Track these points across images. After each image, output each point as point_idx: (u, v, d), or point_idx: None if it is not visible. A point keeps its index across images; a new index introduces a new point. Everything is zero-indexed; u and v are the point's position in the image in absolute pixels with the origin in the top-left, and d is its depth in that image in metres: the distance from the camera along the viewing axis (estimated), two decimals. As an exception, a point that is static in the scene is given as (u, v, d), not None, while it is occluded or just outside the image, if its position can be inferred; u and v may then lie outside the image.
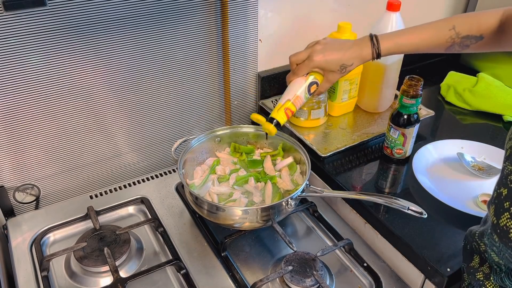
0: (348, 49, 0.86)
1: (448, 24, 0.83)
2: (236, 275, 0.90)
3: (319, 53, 0.86)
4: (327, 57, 0.86)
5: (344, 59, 0.86)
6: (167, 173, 1.19)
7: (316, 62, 0.86)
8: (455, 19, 0.84)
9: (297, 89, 0.91)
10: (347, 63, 0.86)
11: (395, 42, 0.85)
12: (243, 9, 1.13)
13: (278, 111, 0.92)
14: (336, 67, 0.87)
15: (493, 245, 0.63)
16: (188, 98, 1.19)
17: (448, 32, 0.82)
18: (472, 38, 0.82)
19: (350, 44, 0.87)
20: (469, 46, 0.83)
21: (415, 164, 1.04)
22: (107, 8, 0.95)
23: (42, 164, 1.07)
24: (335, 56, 0.86)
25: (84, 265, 0.90)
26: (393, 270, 0.93)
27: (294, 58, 0.90)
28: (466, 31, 0.82)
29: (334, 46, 0.87)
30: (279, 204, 0.91)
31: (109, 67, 1.03)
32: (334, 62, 0.86)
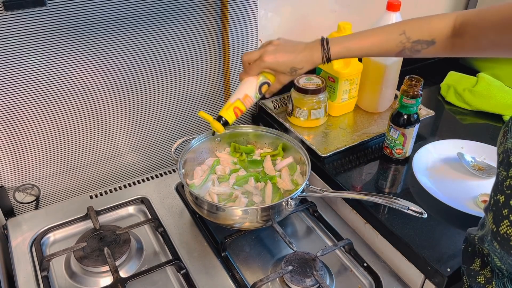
0: (299, 52, 0.85)
1: (398, 29, 0.81)
2: (236, 275, 0.90)
3: (270, 54, 0.85)
4: (278, 59, 0.85)
5: (295, 62, 0.85)
6: (167, 173, 1.19)
7: (267, 63, 0.85)
8: (406, 24, 0.82)
9: (248, 88, 0.90)
10: (297, 66, 0.85)
11: (345, 47, 0.84)
12: (243, 9, 1.13)
13: (227, 109, 0.91)
14: (287, 69, 0.86)
15: (495, 251, 0.63)
16: (188, 98, 1.19)
17: (398, 36, 0.81)
18: (423, 42, 0.80)
19: (302, 47, 0.86)
20: (420, 51, 0.81)
21: (415, 164, 1.04)
22: (107, 8, 0.95)
23: (42, 164, 1.07)
24: (286, 59, 0.85)
25: (84, 265, 0.90)
26: (393, 270, 0.93)
27: (246, 57, 0.88)
28: (417, 35, 0.80)
29: (286, 48, 0.86)
30: (279, 204, 0.91)
31: (109, 67, 1.03)
32: (284, 65, 0.85)
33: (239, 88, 0.91)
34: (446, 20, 0.79)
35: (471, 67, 1.52)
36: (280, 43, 0.87)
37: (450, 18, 0.79)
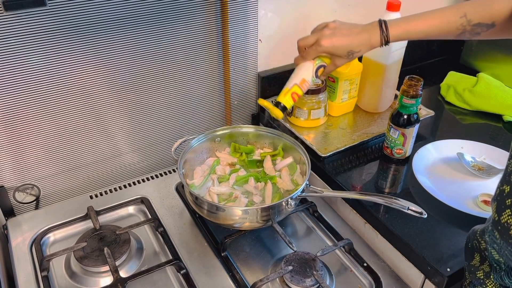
0: (356, 35, 0.84)
1: (459, 11, 0.80)
2: (236, 275, 0.90)
3: (327, 38, 0.84)
4: (335, 43, 0.84)
5: (353, 45, 0.84)
6: (167, 173, 1.19)
7: (324, 47, 0.85)
8: (466, 6, 0.80)
9: (304, 73, 0.91)
10: (355, 50, 0.85)
11: (405, 29, 0.83)
12: (243, 9, 1.13)
13: (285, 95, 0.92)
14: (344, 52, 0.85)
15: (494, 242, 0.63)
16: (188, 98, 1.19)
17: (459, 19, 0.80)
18: (483, 25, 0.79)
19: (359, 30, 0.85)
20: (480, 33, 0.80)
21: (415, 164, 1.04)
22: (107, 8, 0.95)
23: (42, 164, 1.07)
24: (344, 42, 0.84)
25: (84, 265, 0.90)
26: (393, 270, 0.93)
27: (302, 43, 0.89)
28: (478, 18, 0.79)
29: (342, 31, 0.85)
30: (279, 204, 0.91)
31: (109, 67, 1.03)
32: (342, 48, 0.85)
33: (295, 73, 0.92)
34: (508, 3, 0.78)
35: (471, 67, 1.52)
36: (336, 25, 0.86)
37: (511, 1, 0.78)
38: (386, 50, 1.17)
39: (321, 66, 0.91)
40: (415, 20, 0.84)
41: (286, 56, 1.30)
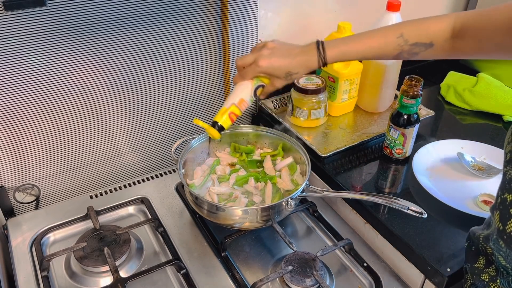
0: (295, 57, 0.83)
1: (396, 31, 0.79)
2: (236, 275, 0.90)
3: (265, 59, 0.83)
4: (273, 64, 0.83)
5: (291, 67, 0.83)
6: (167, 173, 1.19)
7: (262, 67, 0.83)
8: (404, 26, 0.80)
9: (242, 92, 0.89)
10: (293, 71, 0.83)
11: (341, 50, 0.82)
12: (243, 9, 1.13)
13: (222, 115, 0.90)
14: (282, 74, 0.84)
15: (500, 250, 0.63)
16: (188, 98, 1.19)
17: (396, 39, 0.78)
18: (421, 45, 0.78)
19: (297, 52, 0.84)
20: (418, 53, 0.79)
21: (415, 164, 1.04)
22: (107, 8, 0.95)
23: (42, 164, 1.07)
24: (281, 63, 0.83)
25: (84, 265, 0.90)
26: (393, 270, 0.93)
27: (241, 62, 0.87)
28: (415, 38, 0.77)
29: (281, 52, 0.83)
30: (279, 204, 0.91)
31: (109, 67, 1.03)
32: (280, 69, 0.83)
33: (233, 92, 0.90)
34: (445, 22, 0.77)
35: (471, 67, 1.52)
36: (275, 46, 0.84)
37: (449, 20, 0.77)
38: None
39: (259, 86, 0.89)
40: (353, 41, 0.83)
41: (286, 56, 1.30)
